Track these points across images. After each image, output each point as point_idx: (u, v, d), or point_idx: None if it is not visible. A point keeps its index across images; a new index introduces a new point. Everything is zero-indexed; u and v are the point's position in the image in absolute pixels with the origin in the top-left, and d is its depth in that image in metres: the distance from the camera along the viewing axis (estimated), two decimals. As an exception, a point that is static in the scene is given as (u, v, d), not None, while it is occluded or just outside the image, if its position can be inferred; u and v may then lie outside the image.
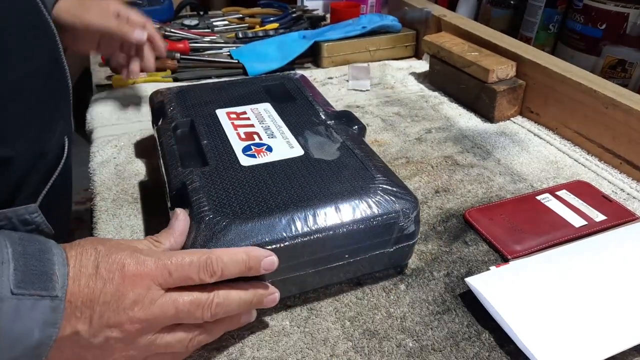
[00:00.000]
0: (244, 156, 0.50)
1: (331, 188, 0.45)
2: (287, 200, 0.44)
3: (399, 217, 0.44)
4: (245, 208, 0.43)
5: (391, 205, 0.44)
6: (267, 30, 1.09)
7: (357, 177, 0.47)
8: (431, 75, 0.91)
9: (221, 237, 0.40)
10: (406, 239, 0.46)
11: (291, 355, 0.42)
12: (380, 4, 1.17)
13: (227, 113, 0.58)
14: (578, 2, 0.94)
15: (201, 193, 0.44)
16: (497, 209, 0.57)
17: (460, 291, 0.48)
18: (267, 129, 0.55)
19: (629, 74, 0.88)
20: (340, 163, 0.49)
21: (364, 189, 0.45)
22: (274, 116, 0.58)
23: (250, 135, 0.54)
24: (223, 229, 0.41)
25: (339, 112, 0.61)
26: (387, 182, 0.46)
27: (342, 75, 0.94)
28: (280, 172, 0.48)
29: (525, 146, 0.72)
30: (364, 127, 0.59)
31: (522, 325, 0.41)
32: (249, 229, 0.41)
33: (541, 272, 0.46)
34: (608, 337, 0.40)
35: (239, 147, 0.51)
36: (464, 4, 1.18)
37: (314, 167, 0.48)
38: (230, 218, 0.42)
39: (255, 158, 0.50)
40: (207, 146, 0.51)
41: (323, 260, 0.44)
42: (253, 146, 0.52)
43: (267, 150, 0.51)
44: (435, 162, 0.68)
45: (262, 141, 0.53)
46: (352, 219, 0.43)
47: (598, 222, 0.55)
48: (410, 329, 0.44)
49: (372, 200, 0.44)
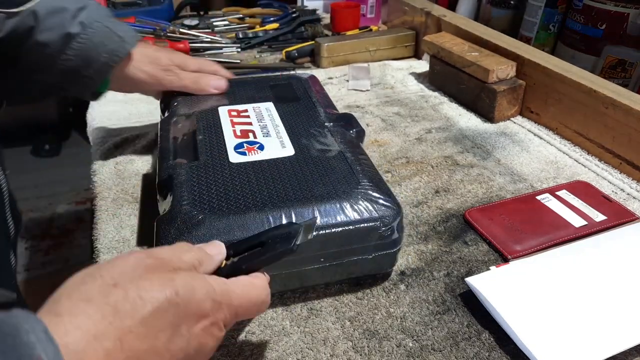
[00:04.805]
0: (234, 153, 0.50)
1: (314, 190, 0.45)
2: (267, 199, 0.44)
3: (379, 224, 0.43)
4: (223, 204, 0.43)
5: (371, 212, 0.44)
6: (267, 30, 1.09)
7: (343, 181, 0.46)
8: (431, 75, 0.91)
9: (193, 230, 0.41)
10: (387, 247, 0.45)
11: (291, 355, 0.42)
12: (380, 4, 1.17)
13: (229, 110, 0.59)
14: (578, 2, 0.93)
15: (184, 186, 0.45)
16: (497, 209, 0.57)
17: (460, 291, 0.48)
18: (264, 128, 0.55)
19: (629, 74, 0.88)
20: (328, 166, 0.49)
21: (346, 194, 0.45)
22: (273, 115, 0.58)
23: (246, 133, 0.54)
24: (197, 224, 0.41)
25: (340, 114, 0.60)
26: (371, 189, 0.45)
27: (342, 75, 0.94)
28: (266, 171, 0.48)
29: (525, 146, 0.72)
30: (363, 131, 0.59)
31: (522, 325, 0.41)
32: (223, 225, 0.41)
33: (541, 272, 0.46)
34: (608, 337, 0.40)
35: (232, 144, 0.52)
36: (464, 4, 1.18)
37: (301, 168, 0.48)
38: (205, 213, 0.42)
39: (245, 156, 0.50)
40: (201, 141, 0.52)
41: (297, 262, 0.44)
42: (246, 144, 0.52)
43: (258, 148, 0.51)
44: (435, 162, 0.68)
45: (255, 139, 0.53)
46: (328, 222, 0.42)
47: (598, 222, 0.55)
48: (410, 329, 0.44)
49: (353, 206, 0.44)
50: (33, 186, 1.97)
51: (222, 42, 1.05)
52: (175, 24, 1.08)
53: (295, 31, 1.09)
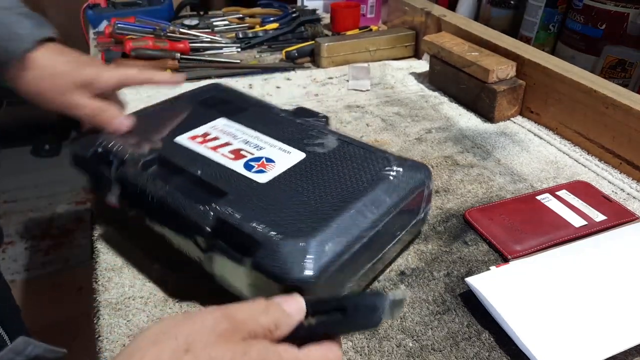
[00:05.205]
0: (253, 174, 0.46)
1: (357, 183, 0.46)
2: (326, 205, 0.43)
3: (426, 181, 0.48)
4: (296, 223, 0.40)
5: (414, 177, 0.48)
6: (267, 30, 1.09)
7: (373, 162, 0.48)
8: (431, 75, 0.91)
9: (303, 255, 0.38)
10: (428, 202, 0.50)
11: (291, 355, 0.41)
12: (380, 4, 1.17)
13: (191, 138, 0.52)
14: (578, 2, 0.93)
15: (249, 221, 0.40)
16: (497, 209, 0.57)
17: (460, 291, 0.48)
18: (248, 143, 0.51)
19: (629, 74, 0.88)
20: (347, 156, 0.49)
21: (385, 171, 0.47)
22: (241, 129, 0.53)
23: (237, 152, 0.49)
24: (303, 246, 0.39)
25: (296, 109, 0.59)
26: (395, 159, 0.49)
27: (342, 75, 0.94)
28: (302, 178, 0.46)
29: (525, 146, 0.72)
30: (327, 117, 0.58)
31: (522, 325, 0.41)
32: (325, 236, 0.39)
33: (541, 272, 0.46)
34: (608, 337, 0.40)
35: (238, 167, 0.47)
36: (464, 4, 1.18)
37: (326, 166, 0.48)
38: (304, 234, 0.39)
39: (265, 173, 0.46)
40: (205, 176, 0.46)
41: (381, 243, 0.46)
42: (252, 162, 0.48)
43: (268, 162, 0.48)
44: (435, 162, 0.68)
45: (254, 155, 0.49)
46: (398, 199, 0.45)
47: (598, 222, 0.55)
48: (410, 329, 0.44)
49: (400, 179, 0.47)
50: (33, 186, 1.97)
51: (222, 42, 1.05)
52: (175, 24, 1.08)
53: (295, 31, 1.10)
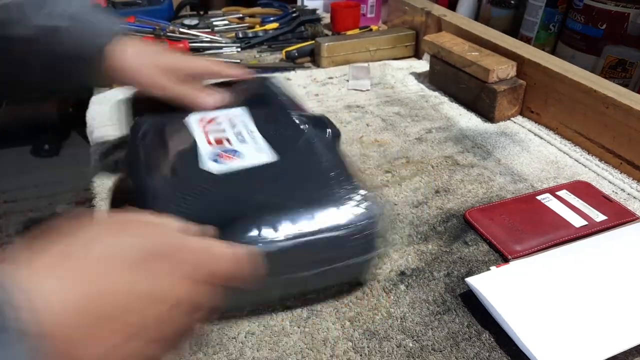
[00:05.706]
0: (212, 162, 0.48)
1: (302, 195, 0.44)
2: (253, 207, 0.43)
3: (370, 223, 0.43)
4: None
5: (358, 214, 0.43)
6: (267, 30, 1.09)
7: (324, 184, 0.46)
8: (431, 75, 0.91)
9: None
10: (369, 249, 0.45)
11: (291, 355, 0.42)
12: (380, 4, 1.17)
13: (200, 119, 0.55)
14: (578, 2, 0.93)
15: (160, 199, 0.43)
16: (497, 209, 0.57)
17: (461, 291, 0.48)
18: (239, 134, 0.53)
19: (629, 73, 0.88)
20: (308, 170, 0.48)
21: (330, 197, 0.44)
22: (247, 122, 0.55)
23: (221, 141, 0.52)
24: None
25: (314, 116, 0.58)
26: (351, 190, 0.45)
27: (342, 75, 0.94)
28: (248, 179, 0.46)
29: (525, 146, 0.72)
30: (338, 131, 0.57)
31: (522, 326, 0.41)
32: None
33: (541, 272, 0.46)
34: (608, 338, 0.40)
35: (207, 153, 0.50)
36: (464, 3, 1.18)
37: (282, 173, 0.47)
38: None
39: (224, 164, 0.48)
40: (173, 153, 0.50)
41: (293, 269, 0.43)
42: (224, 152, 0.50)
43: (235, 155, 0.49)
44: (435, 162, 0.68)
45: (231, 147, 0.51)
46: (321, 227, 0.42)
47: (598, 222, 0.55)
48: (410, 329, 0.44)
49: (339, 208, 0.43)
50: (33, 186, 1.97)
51: (222, 42, 1.05)
52: (175, 24, 1.08)
53: (295, 31, 1.09)
